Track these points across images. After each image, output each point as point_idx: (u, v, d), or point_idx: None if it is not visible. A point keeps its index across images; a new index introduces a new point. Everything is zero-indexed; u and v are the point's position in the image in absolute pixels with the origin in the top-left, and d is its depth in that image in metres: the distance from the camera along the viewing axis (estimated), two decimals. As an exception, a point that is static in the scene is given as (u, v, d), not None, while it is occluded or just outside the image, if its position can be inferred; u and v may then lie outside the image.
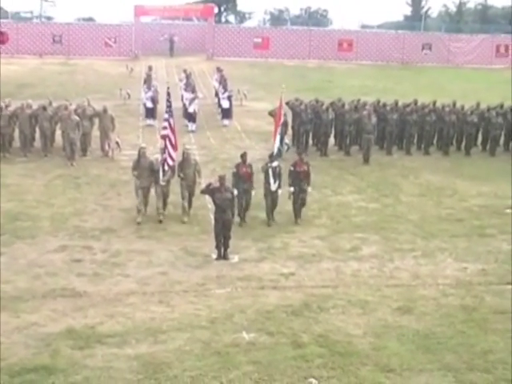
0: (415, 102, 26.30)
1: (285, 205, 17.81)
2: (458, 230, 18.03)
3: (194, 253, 15.95)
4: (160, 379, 11.01)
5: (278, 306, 13.49)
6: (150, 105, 28.23)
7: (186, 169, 17.70)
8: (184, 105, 28.72)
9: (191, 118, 27.74)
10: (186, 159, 17.78)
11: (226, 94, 29.20)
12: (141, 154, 17.65)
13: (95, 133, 24.21)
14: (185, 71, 32.41)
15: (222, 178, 15.76)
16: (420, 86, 38.91)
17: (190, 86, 29.00)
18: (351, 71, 45.35)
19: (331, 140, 25.65)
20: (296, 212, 17.89)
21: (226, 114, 29.28)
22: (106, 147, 23.74)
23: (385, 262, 15.87)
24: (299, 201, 17.80)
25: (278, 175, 17.58)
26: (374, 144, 25.13)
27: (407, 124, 25.50)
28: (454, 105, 26.21)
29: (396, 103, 25.92)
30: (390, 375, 11.31)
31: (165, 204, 17.84)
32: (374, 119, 24.47)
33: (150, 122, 28.09)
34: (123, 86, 33.84)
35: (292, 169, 17.82)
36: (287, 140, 24.55)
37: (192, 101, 27.62)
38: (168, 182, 17.69)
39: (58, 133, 23.83)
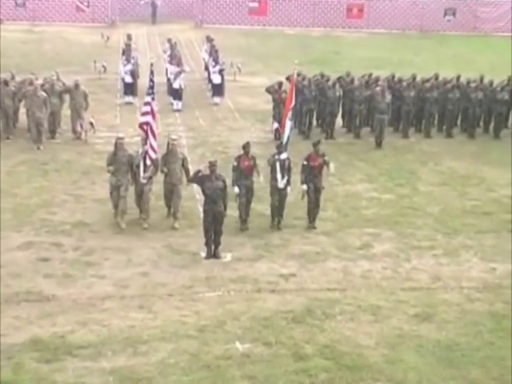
0: (436, 77, 26.26)
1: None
2: (485, 225, 18.05)
3: (179, 251, 15.95)
4: (140, 397, 11.04)
5: (276, 312, 13.50)
6: (129, 80, 28.16)
7: (170, 164, 17.03)
8: (168, 80, 28.63)
9: (177, 95, 27.68)
10: (171, 152, 17.17)
11: (217, 68, 29.11)
12: (118, 147, 16.99)
13: (65, 112, 24.12)
14: (169, 41, 32.27)
15: (212, 165, 15.71)
16: (442, 57, 38.86)
17: (175, 58, 28.89)
18: (362, 41, 45.25)
19: (338, 120, 25.60)
20: (310, 213, 17.51)
21: (217, 90, 29.21)
22: (78, 128, 23.67)
23: (400, 261, 15.88)
24: (314, 201, 17.42)
25: (286, 170, 17.12)
26: (388, 125, 25.08)
27: (427, 102, 25.46)
28: (482, 80, 26.15)
29: (414, 78, 25.86)
30: (406, 392, 11.36)
31: (147, 209, 17.13)
32: (388, 97, 24.41)
33: (129, 99, 28.03)
34: (98, 57, 33.70)
35: (305, 163, 17.35)
36: (288, 121, 24.55)
37: (178, 75, 27.55)
38: (150, 179, 17.03)
39: (22, 111, 23.76)
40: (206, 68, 31.58)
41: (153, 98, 17.19)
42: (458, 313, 13.79)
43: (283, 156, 17.16)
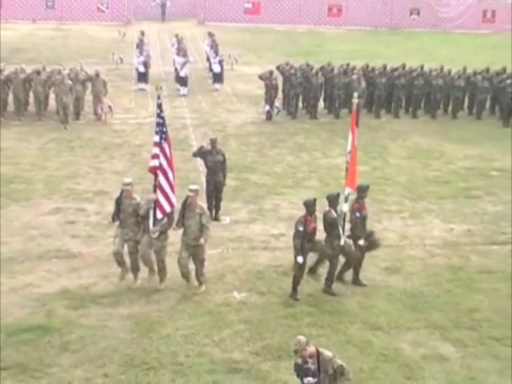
0: (403, 66, 26.03)
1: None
2: (445, 192, 17.99)
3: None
4: (153, 338, 11.02)
5: (268, 267, 13.48)
6: (142, 69, 27.89)
7: (186, 219, 12.41)
8: (176, 69, 28.39)
9: (183, 82, 27.45)
10: (189, 205, 12.43)
11: (218, 59, 28.85)
12: (124, 194, 12.54)
13: (88, 97, 23.93)
14: (176, 36, 31.87)
15: (213, 141, 15.62)
16: (408, 50, 38.55)
17: (181, 51, 28.61)
18: (340, 36, 44.88)
19: (321, 103, 25.44)
20: None
21: (218, 78, 28.97)
22: (99, 111, 23.48)
23: (373, 222, 15.69)
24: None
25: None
26: (363, 107, 24.95)
27: (395, 88, 25.26)
28: (442, 69, 25.90)
29: (384, 67, 25.65)
30: (377, 333, 11.36)
31: (161, 268, 12.69)
32: (362, 83, 24.23)
33: (142, 86, 27.80)
34: (116, 50, 33.36)
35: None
36: (278, 103, 24.47)
37: (184, 65, 27.30)
38: (163, 234, 12.56)
39: (52, 97, 23.49)
40: (208, 59, 31.28)
41: (163, 138, 12.16)
42: (422, 266, 13.79)
43: (345, 208, 12.84)
